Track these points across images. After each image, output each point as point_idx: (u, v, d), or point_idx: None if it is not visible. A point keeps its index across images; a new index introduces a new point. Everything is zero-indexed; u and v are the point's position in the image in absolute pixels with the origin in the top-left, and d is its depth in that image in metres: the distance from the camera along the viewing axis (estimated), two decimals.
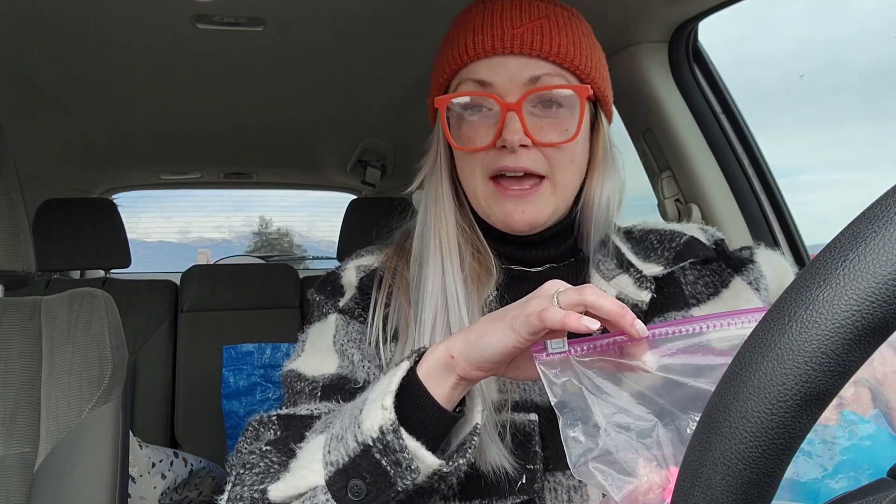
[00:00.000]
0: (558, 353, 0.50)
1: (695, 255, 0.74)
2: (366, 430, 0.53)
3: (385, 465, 0.52)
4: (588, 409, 0.48)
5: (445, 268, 0.69)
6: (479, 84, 0.68)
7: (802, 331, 0.27)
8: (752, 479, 0.28)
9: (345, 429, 0.55)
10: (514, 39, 0.67)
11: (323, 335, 0.72)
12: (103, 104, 1.77)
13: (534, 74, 0.67)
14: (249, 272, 2.38)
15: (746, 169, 1.26)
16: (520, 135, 0.66)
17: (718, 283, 0.74)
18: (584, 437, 0.48)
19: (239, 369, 2.16)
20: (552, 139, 0.67)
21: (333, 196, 3.14)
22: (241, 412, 2.14)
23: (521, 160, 0.67)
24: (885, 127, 1.52)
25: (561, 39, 0.68)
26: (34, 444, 0.87)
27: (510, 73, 0.67)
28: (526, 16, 0.68)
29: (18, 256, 0.93)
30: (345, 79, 1.63)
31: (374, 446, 0.52)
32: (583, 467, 0.47)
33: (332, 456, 0.55)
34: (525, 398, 0.67)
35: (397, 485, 0.52)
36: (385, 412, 0.53)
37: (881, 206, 0.28)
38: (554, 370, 0.50)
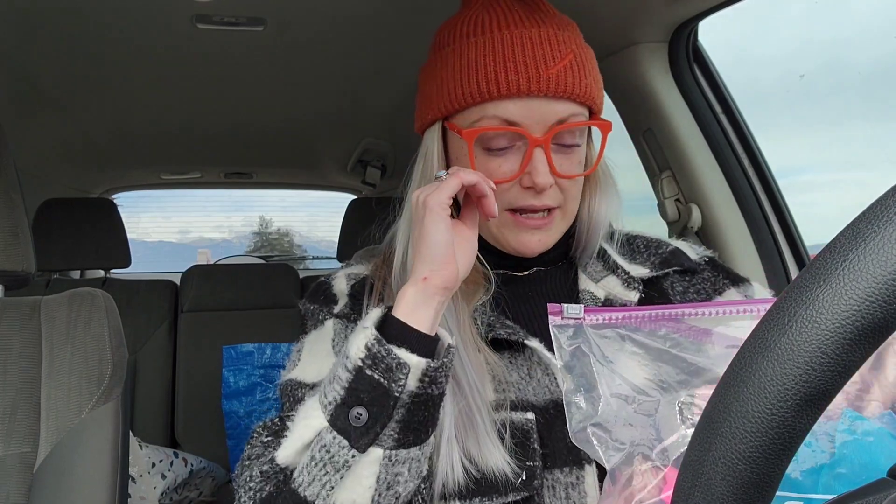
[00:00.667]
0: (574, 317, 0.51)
1: (679, 264, 0.76)
2: (353, 354, 0.56)
3: (378, 378, 0.55)
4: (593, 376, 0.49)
5: None
6: (505, 121, 0.68)
7: (802, 331, 0.27)
8: (753, 478, 0.28)
9: (334, 371, 0.58)
10: (550, 82, 0.66)
11: (320, 340, 0.73)
12: (103, 104, 1.77)
13: (561, 116, 0.68)
14: (249, 272, 2.38)
15: (746, 169, 1.26)
16: (548, 176, 0.67)
17: (711, 290, 0.77)
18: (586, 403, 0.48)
19: (239, 369, 2.16)
20: (572, 172, 0.70)
21: (333, 196, 3.14)
22: (241, 412, 2.14)
23: (544, 199, 0.69)
24: (885, 127, 1.52)
25: (585, 78, 0.69)
26: (34, 443, 0.87)
27: (539, 114, 0.67)
28: (557, 53, 0.68)
29: (18, 256, 0.93)
30: (345, 79, 1.63)
31: (364, 363, 0.55)
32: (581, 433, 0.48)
33: (329, 396, 0.57)
34: (521, 398, 0.67)
35: (393, 391, 0.55)
36: (366, 331, 0.56)
37: (881, 206, 0.28)
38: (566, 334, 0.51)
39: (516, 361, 0.69)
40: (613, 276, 0.75)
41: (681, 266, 0.76)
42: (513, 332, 0.68)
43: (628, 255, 0.78)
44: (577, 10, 0.77)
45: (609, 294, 0.73)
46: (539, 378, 0.68)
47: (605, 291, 0.73)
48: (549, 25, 0.70)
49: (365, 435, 0.55)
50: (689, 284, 0.76)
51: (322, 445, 0.56)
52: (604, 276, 0.75)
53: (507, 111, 0.67)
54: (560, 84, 0.67)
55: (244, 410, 2.14)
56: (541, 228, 0.70)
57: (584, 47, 0.72)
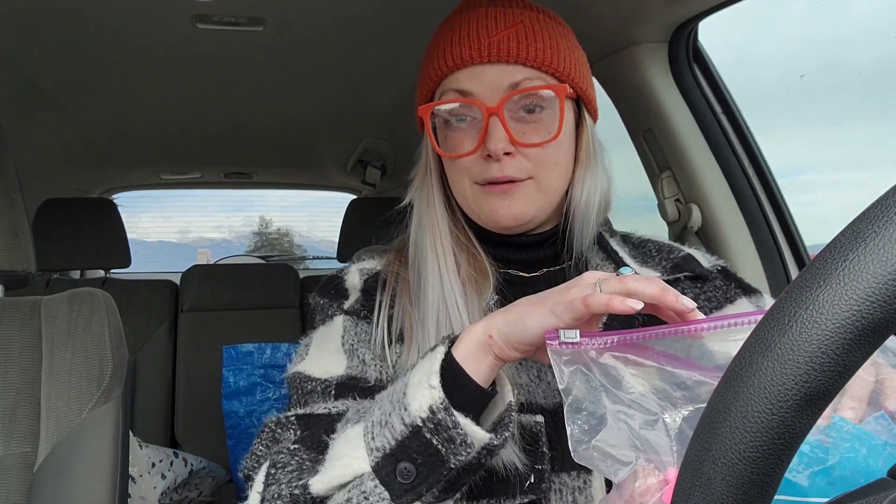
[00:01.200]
0: (571, 342, 0.51)
1: (691, 270, 0.75)
2: (414, 411, 0.53)
3: (436, 444, 0.52)
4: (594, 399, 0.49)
5: (443, 274, 0.70)
6: (460, 93, 0.69)
7: (802, 331, 0.27)
8: (753, 478, 0.28)
9: (387, 414, 0.55)
10: (491, 48, 0.68)
11: (329, 337, 0.72)
12: (103, 104, 1.77)
13: (513, 81, 0.68)
14: (249, 272, 2.38)
15: (746, 169, 1.26)
16: (503, 142, 0.66)
17: (723, 298, 0.75)
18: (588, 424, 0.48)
19: (239, 369, 2.16)
20: (534, 140, 0.68)
21: (333, 196, 3.14)
22: (241, 412, 2.14)
23: (505, 169, 0.68)
24: (885, 127, 1.52)
25: (537, 44, 0.69)
26: (34, 443, 0.87)
27: (490, 81, 0.68)
28: (501, 23, 0.69)
29: (18, 256, 0.93)
30: (345, 79, 1.63)
31: (425, 426, 0.52)
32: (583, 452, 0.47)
33: (377, 441, 0.54)
34: (530, 400, 0.67)
35: (450, 462, 0.52)
36: (433, 391, 0.53)
37: (881, 206, 0.28)
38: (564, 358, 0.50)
39: (526, 363, 0.69)
40: None
41: (692, 272, 0.75)
42: None
43: (639, 258, 0.78)
44: (578, 10, 0.77)
45: None
46: (549, 381, 0.68)
47: None
48: (503, 5, 0.72)
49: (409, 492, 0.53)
50: (700, 291, 0.75)
51: (362, 491, 0.54)
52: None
53: (458, 82, 0.69)
54: (503, 48, 0.68)
55: (244, 410, 2.14)
56: (507, 192, 0.69)
57: (542, 20, 0.71)
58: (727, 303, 0.76)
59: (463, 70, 0.69)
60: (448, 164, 0.73)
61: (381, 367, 0.70)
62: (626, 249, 0.78)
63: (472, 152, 0.69)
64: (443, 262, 0.71)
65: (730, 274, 0.79)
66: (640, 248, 0.79)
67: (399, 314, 0.71)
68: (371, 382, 0.68)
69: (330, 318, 0.74)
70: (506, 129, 0.67)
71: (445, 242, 0.72)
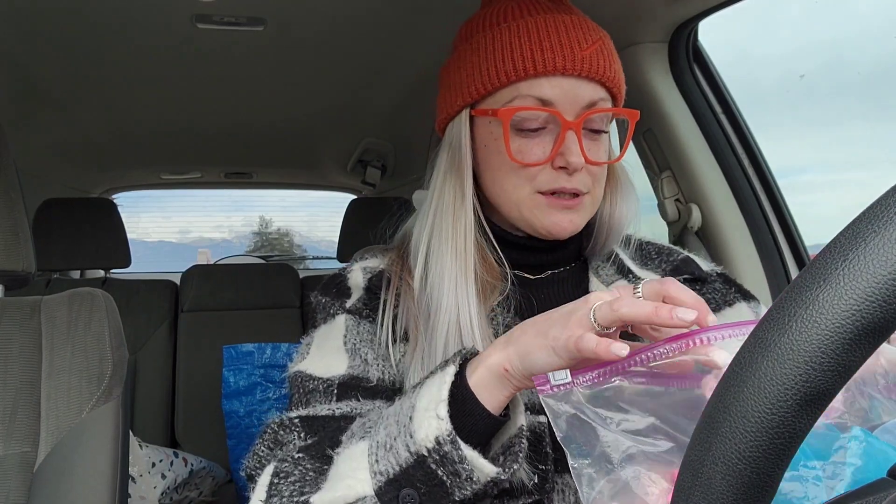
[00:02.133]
0: (562, 384, 0.50)
1: (690, 272, 0.76)
2: (420, 440, 0.52)
3: (441, 476, 0.52)
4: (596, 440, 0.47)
5: (458, 273, 0.69)
6: (539, 101, 0.68)
7: (802, 331, 0.27)
8: (753, 478, 0.28)
9: (393, 437, 0.54)
10: (584, 61, 0.67)
11: (331, 336, 0.72)
12: (103, 104, 1.77)
13: (592, 98, 0.69)
14: (249, 272, 2.38)
15: (746, 169, 1.26)
16: (581, 158, 0.67)
17: (721, 301, 0.76)
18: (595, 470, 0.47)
19: (239, 369, 2.16)
20: (601, 159, 0.70)
21: (333, 196, 3.14)
22: (241, 412, 2.14)
23: (576, 181, 0.69)
24: (885, 127, 1.52)
25: (614, 63, 0.70)
26: (34, 443, 0.87)
27: (572, 95, 0.68)
28: (590, 37, 0.69)
29: (18, 256, 0.93)
30: (345, 79, 1.63)
31: (430, 457, 0.52)
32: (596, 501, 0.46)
33: (381, 465, 0.54)
34: (534, 400, 0.67)
35: (454, 494, 0.52)
36: (441, 422, 0.52)
37: (881, 206, 0.28)
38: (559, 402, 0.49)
39: None
40: (624, 279, 0.75)
41: (692, 274, 0.76)
42: None
43: (639, 260, 0.78)
44: (578, 10, 0.77)
45: None
46: None
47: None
48: (576, 13, 0.73)
49: None
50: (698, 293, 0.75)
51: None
52: (615, 279, 0.75)
53: (541, 90, 0.68)
54: (594, 65, 0.68)
55: (244, 410, 2.14)
56: (572, 209, 0.70)
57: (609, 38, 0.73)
58: (726, 305, 0.76)
59: (547, 78, 0.68)
60: (505, 170, 0.71)
61: (383, 367, 0.69)
62: (627, 253, 0.79)
63: (545, 162, 0.68)
64: (462, 261, 0.70)
65: (729, 279, 0.80)
66: (640, 251, 0.80)
67: (403, 313, 0.71)
68: (373, 382, 0.68)
69: (332, 317, 0.73)
70: (581, 147, 0.67)
71: (469, 242, 0.71)
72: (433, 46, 1.37)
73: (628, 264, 0.76)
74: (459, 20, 0.79)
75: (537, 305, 0.74)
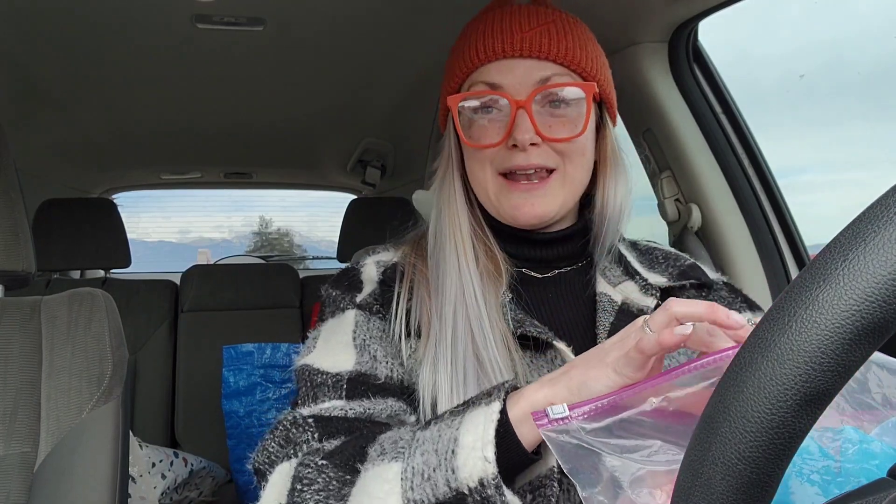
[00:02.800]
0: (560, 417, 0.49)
1: (697, 278, 0.76)
2: (462, 477, 0.52)
3: None
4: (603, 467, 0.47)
5: (461, 264, 0.70)
6: (489, 86, 0.71)
7: (802, 331, 0.27)
8: (753, 478, 0.28)
9: (432, 468, 0.54)
10: (524, 42, 0.69)
11: (339, 330, 0.71)
12: (103, 104, 1.77)
13: (542, 76, 0.70)
14: (249, 272, 2.38)
15: (746, 169, 1.26)
16: (530, 133, 0.68)
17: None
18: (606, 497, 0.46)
19: (239, 369, 2.16)
20: (561, 135, 0.70)
21: (333, 196, 3.14)
22: (241, 412, 2.13)
23: (531, 158, 0.69)
24: (885, 127, 1.52)
25: (568, 42, 0.71)
26: (34, 443, 0.87)
27: (520, 75, 0.70)
28: (534, 20, 0.71)
29: (18, 256, 0.93)
30: (345, 79, 1.63)
31: (471, 496, 0.52)
32: None
33: (416, 493, 0.53)
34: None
35: None
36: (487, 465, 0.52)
37: (881, 206, 0.27)
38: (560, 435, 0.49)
39: (537, 363, 0.68)
40: (631, 281, 0.75)
41: (698, 280, 0.76)
42: (542, 331, 0.67)
43: (646, 264, 0.78)
44: (578, 10, 0.77)
45: (626, 298, 0.73)
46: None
47: (622, 296, 0.73)
48: (536, 4, 0.74)
49: None
50: (703, 299, 0.75)
51: None
52: (622, 280, 0.75)
53: (489, 75, 0.71)
54: (535, 44, 0.69)
55: (244, 410, 2.14)
56: (532, 191, 0.70)
57: (572, 22, 0.74)
58: None
59: (494, 63, 0.71)
60: (471, 155, 0.74)
61: (392, 365, 0.69)
62: (634, 255, 0.79)
63: (499, 143, 0.70)
64: (462, 252, 0.71)
65: (735, 289, 0.80)
66: (647, 255, 0.80)
67: (417, 306, 0.71)
68: (381, 379, 0.68)
69: (341, 311, 0.73)
70: (533, 123, 0.68)
71: (465, 233, 0.73)
72: (433, 46, 1.37)
73: (635, 266, 0.76)
74: (459, 20, 0.79)
75: (545, 304, 0.74)
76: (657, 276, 0.75)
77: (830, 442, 0.42)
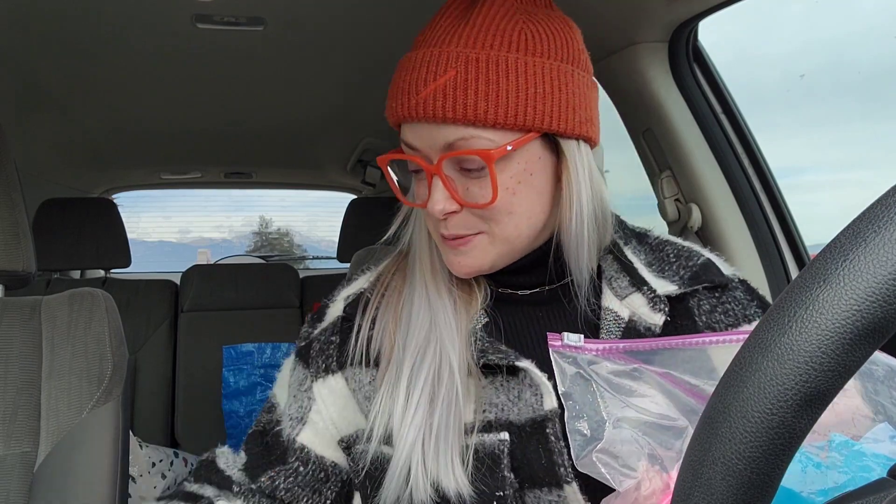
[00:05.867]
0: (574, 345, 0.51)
1: (710, 280, 0.70)
2: None
3: None
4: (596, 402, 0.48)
5: (431, 296, 0.69)
6: (408, 146, 0.66)
7: (802, 331, 0.27)
8: (753, 479, 0.28)
9: None
10: (418, 107, 0.61)
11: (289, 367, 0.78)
12: (103, 104, 1.77)
13: (447, 141, 0.62)
14: (249, 272, 2.38)
15: (746, 169, 1.26)
16: (441, 203, 0.63)
17: (741, 315, 0.71)
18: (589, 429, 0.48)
19: (239, 369, 2.16)
20: (477, 200, 0.63)
21: (333, 196, 3.14)
22: (241, 412, 2.14)
23: (451, 227, 0.65)
24: (886, 126, 1.52)
25: (468, 98, 0.60)
26: (34, 443, 0.87)
27: (427, 139, 0.63)
28: (432, 73, 0.61)
29: (18, 256, 0.93)
30: (345, 79, 1.63)
31: None
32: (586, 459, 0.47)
33: None
34: (501, 417, 0.64)
35: None
36: None
37: (882, 206, 0.27)
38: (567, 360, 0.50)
39: (508, 385, 0.65)
40: (639, 293, 0.69)
41: (711, 282, 0.70)
42: (504, 356, 0.65)
43: (656, 265, 0.72)
44: (578, 10, 0.77)
45: (633, 314, 0.68)
46: (527, 398, 0.64)
47: (629, 311, 0.68)
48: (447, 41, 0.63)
49: None
50: (717, 302, 0.71)
51: None
52: (629, 293, 0.69)
53: (406, 134, 0.65)
54: (429, 107, 0.61)
55: (244, 410, 2.14)
56: (459, 249, 0.66)
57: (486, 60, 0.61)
58: (745, 321, 0.71)
59: (406, 125, 0.65)
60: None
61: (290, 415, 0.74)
62: (642, 257, 0.73)
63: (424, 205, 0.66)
64: (430, 279, 0.70)
65: (751, 288, 0.74)
66: (657, 253, 0.74)
67: (379, 335, 0.70)
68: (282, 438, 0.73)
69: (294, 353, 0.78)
70: (448, 190, 0.63)
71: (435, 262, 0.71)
72: None
73: (643, 273, 0.70)
74: None
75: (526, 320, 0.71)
76: (667, 283, 0.69)
77: (820, 453, 0.42)
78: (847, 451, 0.41)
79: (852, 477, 0.40)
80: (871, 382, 0.45)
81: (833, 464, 0.41)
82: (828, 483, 0.40)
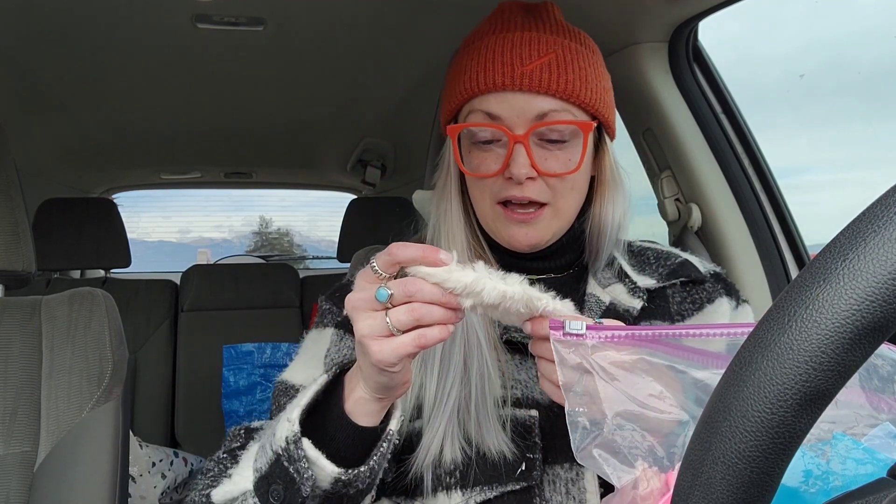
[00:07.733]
0: (575, 334, 0.51)
1: (686, 275, 0.78)
2: (276, 440, 0.58)
3: (292, 472, 0.57)
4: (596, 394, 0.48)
5: None
6: (488, 116, 0.71)
7: (802, 330, 0.27)
8: (753, 478, 0.28)
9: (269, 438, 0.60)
10: (524, 77, 0.69)
11: (317, 345, 0.76)
12: (103, 104, 1.77)
13: (541, 110, 0.69)
14: (249, 272, 2.38)
15: (746, 169, 1.26)
16: (526, 168, 0.69)
17: (705, 299, 0.78)
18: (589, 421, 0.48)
19: (239, 369, 2.16)
20: (556, 170, 0.70)
21: (333, 196, 3.14)
22: (241, 412, 2.14)
23: (526, 191, 0.70)
24: (886, 126, 1.52)
25: (568, 76, 0.70)
26: (34, 443, 0.87)
27: (518, 109, 0.69)
28: (535, 52, 0.70)
29: (18, 256, 0.93)
30: (345, 78, 1.63)
31: (282, 455, 0.57)
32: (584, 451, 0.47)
33: (258, 463, 0.60)
34: (527, 395, 0.69)
35: (302, 490, 0.57)
36: (289, 424, 0.57)
37: (881, 206, 0.27)
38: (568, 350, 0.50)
39: (525, 364, 0.71)
40: (621, 283, 0.77)
41: (687, 277, 0.78)
42: (525, 335, 0.69)
43: (638, 266, 0.80)
44: (578, 10, 0.77)
45: (614, 299, 0.75)
46: None
47: (610, 297, 0.75)
48: (538, 30, 0.73)
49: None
50: (687, 294, 0.78)
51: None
52: (612, 283, 0.77)
53: (488, 105, 0.71)
54: (535, 79, 0.69)
55: (244, 410, 2.14)
56: (527, 222, 0.72)
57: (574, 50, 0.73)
58: (707, 302, 0.78)
59: (493, 94, 0.70)
60: (470, 181, 0.75)
61: None
62: (627, 258, 0.81)
63: (496, 174, 0.71)
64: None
65: (720, 277, 0.82)
66: (639, 256, 0.82)
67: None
68: None
69: (324, 327, 0.77)
70: (530, 158, 0.69)
71: (461, 247, 0.74)
72: (433, 46, 1.37)
73: (626, 269, 0.78)
74: (459, 20, 0.79)
75: None
76: (646, 279, 0.77)
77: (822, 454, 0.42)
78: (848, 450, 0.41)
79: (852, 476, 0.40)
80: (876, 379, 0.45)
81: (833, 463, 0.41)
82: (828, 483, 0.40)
